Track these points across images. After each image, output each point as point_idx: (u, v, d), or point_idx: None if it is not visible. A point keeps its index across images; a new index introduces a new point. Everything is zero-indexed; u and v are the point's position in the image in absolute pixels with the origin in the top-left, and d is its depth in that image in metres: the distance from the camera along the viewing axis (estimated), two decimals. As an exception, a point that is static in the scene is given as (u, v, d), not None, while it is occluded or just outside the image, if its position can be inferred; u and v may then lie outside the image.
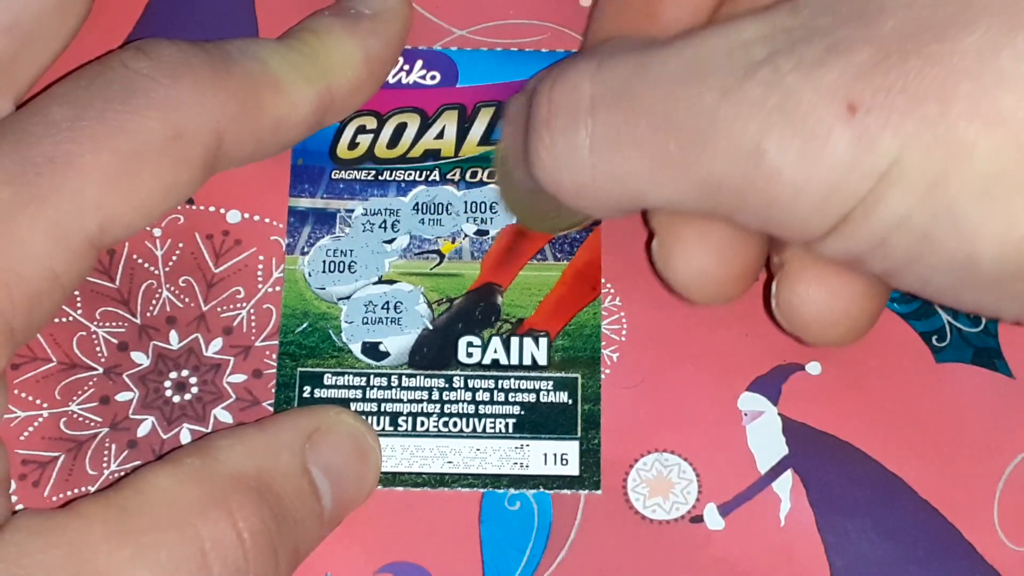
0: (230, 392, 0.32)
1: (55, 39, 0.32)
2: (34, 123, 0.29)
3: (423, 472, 0.31)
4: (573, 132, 0.27)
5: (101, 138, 0.28)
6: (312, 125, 0.32)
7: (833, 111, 0.24)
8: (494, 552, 0.31)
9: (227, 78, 0.30)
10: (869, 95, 0.24)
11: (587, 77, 0.27)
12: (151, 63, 0.29)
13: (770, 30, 0.26)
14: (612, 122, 0.27)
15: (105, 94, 0.29)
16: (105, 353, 0.32)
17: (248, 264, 0.33)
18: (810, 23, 0.25)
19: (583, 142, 0.27)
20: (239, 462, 0.28)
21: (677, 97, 0.26)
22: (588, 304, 0.33)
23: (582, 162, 0.27)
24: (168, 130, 0.29)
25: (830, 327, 0.29)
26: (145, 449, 0.31)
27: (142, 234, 0.33)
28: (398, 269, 0.33)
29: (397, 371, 0.32)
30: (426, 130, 0.34)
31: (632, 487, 0.32)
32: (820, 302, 0.29)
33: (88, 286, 0.32)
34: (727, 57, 0.26)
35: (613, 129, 0.27)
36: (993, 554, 0.31)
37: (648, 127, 0.26)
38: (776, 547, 0.31)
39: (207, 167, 0.30)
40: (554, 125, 0.28)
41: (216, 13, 0.35)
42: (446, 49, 0.35)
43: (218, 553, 0.27)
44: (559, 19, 0.35)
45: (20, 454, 0.31)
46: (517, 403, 0.32)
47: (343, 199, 0.34)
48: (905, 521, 0.31)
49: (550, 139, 0.28)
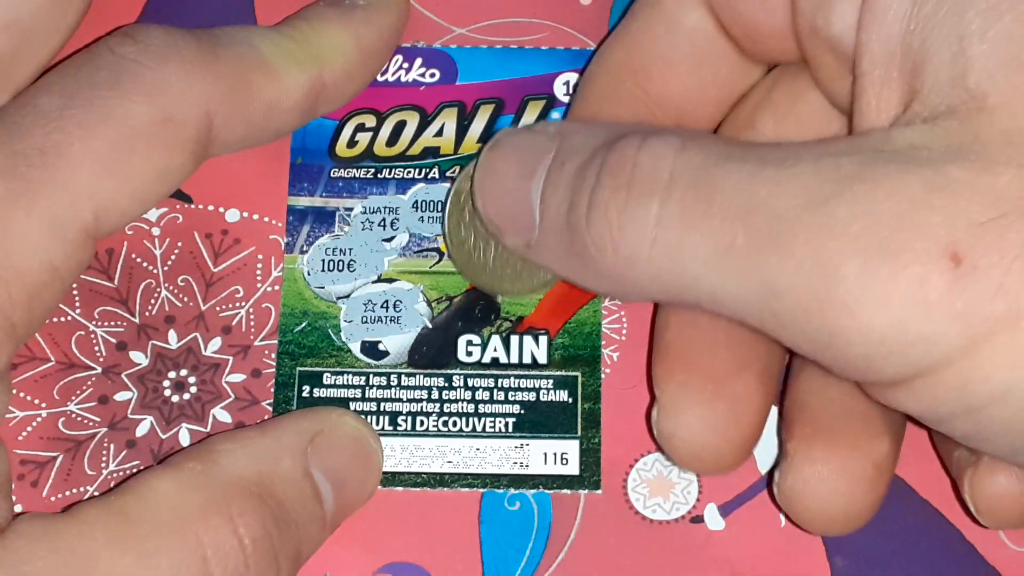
0: (229, 391, 0.32)
1: (54, 36, 0.32)
2: (23, 115, 0.28)
3: (423, 472, 0.31)
4: (648, 199, 0.26)
5: (90, 125, 0.28)
6: (304, 112, 0.32)
7: (933, 255, 0.22)
8: (494, 552, 0.31)
9: (216, 61, 0.30)
10: (980, 251, 0.22)
11: (672, 152, 0.26)
12: (138, 47, 0.29)
13: (875, 143, 0.24)
14: (686, 200, 0.25)
15: (93, 80, 0.29)
16: (104, 353, 0.32)
17: (247, 263, 0.33)
18: (923, 145, 0.24)
19: (653, 211, 0.26)
20: (240, 467, 0.28)
21: (757, 193, 0.24)
22: (588, 303, 0.33)
23: (647, 232, 0.26)
24: (157, 113, 0.29)
25: (833, 519, 0.28)
26: (144, 449, 0.31)
27: (141, 233, 0.33)
28: (397, 267, 0.33)
29: (396, 370, 0.32)
30: (425, 128, 0.34)
31: (632, 487, 0.31)
32: (824, 496, 0.28)
33: (87, 285, 0.32)
34: (816, 165, 0.24)
35: (686, 208, 0.25)
36: (994, 554, 0.31)
37: (721, 215, 0.25)
38: (776, 547, 0.31)
39: (198, 151, 0.30)
40: (633, 191, 0.26)
41: (215, 9, 0.35)
42: (446, 47, 0.35)
43: (219, 559, 0.27)
44: (558, 17, 0.35)
45: (19, 454, 0.31)
46: (517, 402, 0.32)
47: (342, 197, 0.33)
48: (906, 521, 0.31)
49: (626, 198, 0.26)
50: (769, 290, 0.24)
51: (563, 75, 0.34)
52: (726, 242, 0.24)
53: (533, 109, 0.34)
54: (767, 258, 0.24)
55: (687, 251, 0.25)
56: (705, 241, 0.25)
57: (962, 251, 0.22)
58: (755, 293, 0.24)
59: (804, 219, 0.23)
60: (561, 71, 0.34)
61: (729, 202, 0.24)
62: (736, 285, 0.25)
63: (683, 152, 0.26)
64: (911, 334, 0.23)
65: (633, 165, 0.26)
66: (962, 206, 0.22)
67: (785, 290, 0.24)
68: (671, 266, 0.26)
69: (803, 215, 0.23)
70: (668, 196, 0.25)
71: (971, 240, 0.22)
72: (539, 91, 0.34)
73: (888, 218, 0.23)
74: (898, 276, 0.22)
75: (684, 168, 0.25)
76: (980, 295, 0.22)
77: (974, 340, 0.22)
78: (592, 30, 0.35)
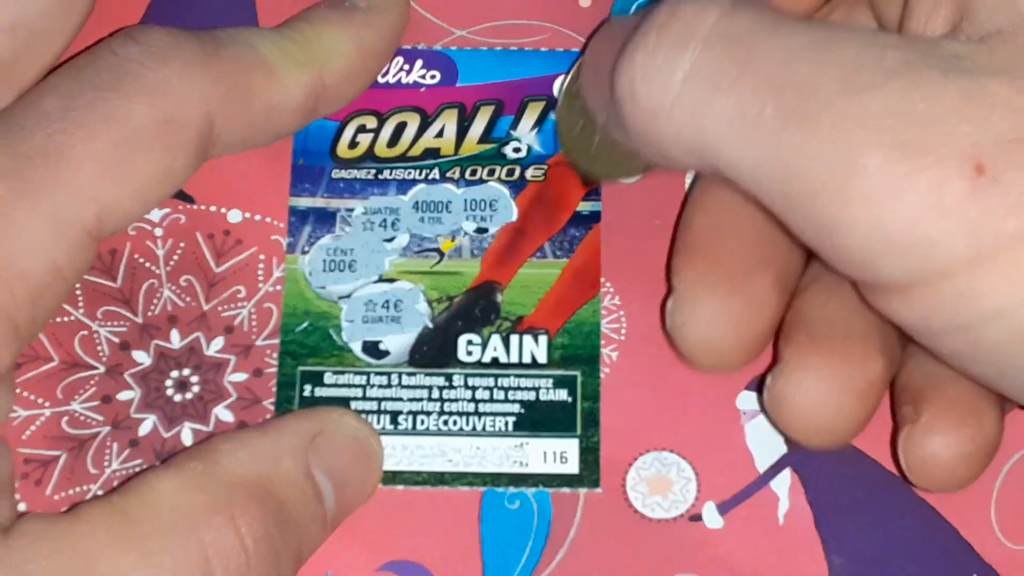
0: (231, 391, 0.32)
1: (58, 38, 0.32)
2: (26, 116, 0.29)
3: (423, 471, 0.32)
4: (679, 51, 0.25)
5: (92, 127, 0.28)
6: (305, 113, 0.32)
7: (957, 161, 0.22)
8: (494, 550, 0.31)
9: (217, 62, 0.30)
10: (1003, 166, 0.22)
11: (716, 10, 0.25)
12: (140, 48, 0.29)
13: (921, 47, 0.24)
14: (720, 60, 0.25)
15: (94, 82, 0.29)
16: (107, 352, 0.32)
17: (249, 263, 0.33)
18: (966, 57, 0.23)
19: (683, 65, 0.25)
20: (242, 467, 0.28)
21: (796, 70, 0.24)
22: (588, 302, 0.33)
23: (671, 85, 0.25)
24: (158, 114, 0.29)
25: (819, 428, 0.28)
26: (146, 448, 0.32)
27: (143, 234, 0.33)
28: (398, 268, 0.33)
29: (397, 370, 0.32)
30: (426, 129, 0.34)
31: (631, 485, 0.32)
32: (812, 402, 0.28)
33: (90, 286, 0.32)
34: (860, 52, 0.24)
35: (718, 68, 0.25)
36: (990, 553, 0.31)
37: (753, 83, 0.24)
38: (775, 546, 0.31)
39: (200, 151, 0.30)
40: (664, 36, 0.26)
41: (217, 11, 0.35)
42: (446, 49, 0.35)
43: (221, 559, 0.27)
44: (558, 19, 0.35)
45: (22, 453, 0.31)
46: (517, 401, 0.32)
47: (343, 198, 0.34)
48: (903, 520, 0.31)
49: (655, 46, 0.26)
50: (787, 168, 0.24)
51: (562, 77, 0.34)
52: (754, 111, 0.24)
53: (533, 110, 0.34)
54: (792, 135, 0.23)
55: (710, 116, 0.25)
56: (731, 105, 0.24)
57: (986, 162, 0.22)
58: (773, 168, 0.24)
59: (837, 103, 0.23)
60: (560, 73, 0.34)
61: (766, 71, 0.24)
62: (755, 157, 0.24)
63: (728, 13, 0.25)
64: (918, 235, 0.22)
65: (671, 15, 0.26)
66: (994, 120, 0.22)
67: (803, 170, 0.23)
68: (691, 127, 0.25)
69: (836, 99, 0.23)
70: (702, 51, 0.25)
71: (997, 153, 0.22)
72: (539, 92, 0.34)
73: (920, 118, 0.22)
74: (918, 175, 0.22)
75: (726, 28, 0.25)
76: (995, 208, 0.22)
77: (979, 253, 0.22)
78: (591, 32, 0.35)
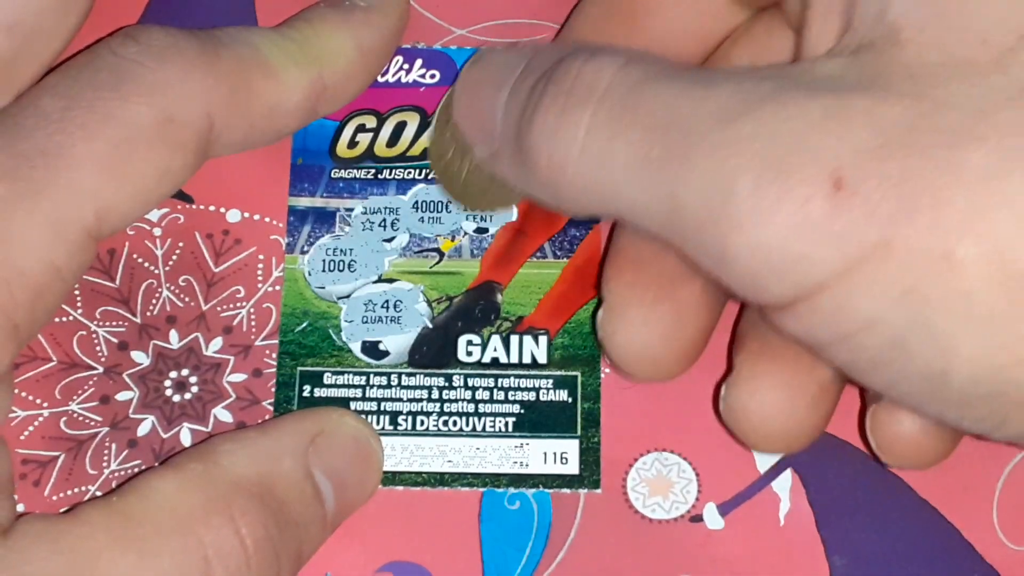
0: (230, 391, 0.32)
1: (56, 37, 0.32)
2: (25, 116, 0.29)
3: (423, 471, 0.31)
4: (580, 109, 0.26)
5: (92, 127, 0.28)
6: (305, 113, 0.32)
7: (819, 178, 0.23)
8: (494, 551, 0.31)
9: (217, 62, 0.30)
10: (860, 178, 0.22)
11: (613, 68, 0.26)
12: (139, 48, 0.29)
13: (795, 73, 0.25)
14: (614, 111, 0.26)
15: (94, 82, 0.29)
16: (105, 352, 0.32)
17: (248, 263, 0.33)
18: (838, 75, 0.24)
19: (584, 121, 0.26)
20: (242, 467, 0.28)
21: (678, 110, 0.25)
22: (588, 302, 0.33)
23: (575, 141, 0.26)
24: (158, 114, 0.29)
25: (775, 436, 0.28)
26: (145, 448, 0.31)
27: (142, 233, 0.33)
28: (398, 268, 0.33)
29: (397, 370, 0.32)
30: (426, 128, 0.34)
31: (632, 486, 0.32)
32: (767, 411, 0.28)
33: (88, 286, 0.32)
34: (735, 86, 0.24)
35: (613, 118, 0.26)
36: (992, 553, 0.31)
37: (642, 127, 0.25)
38: (775, 546, 0.31)
39: (200, 151, 0.30)
40: (570, 100, 0.27)
41: (216, 10, 0.35)
42: (446, 48, 0.35)
43: (221, 560, 0.27)
44: (558, 18, 0.35)
45: (21, 453, 0.31)
46: (517, 402, 0.32)
47: (343, 198, 0.34)
48: (904, 520, 0.31)
49: (563, 107, 0.27)
50: (673, 202, 0.24)
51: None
52: (643, 153, 0.25)
53: (533, 110, 0.34)
54: (676, 170, 0.24)
55: (609, 161, 0.26)
56: (625, 151, 0.25)
57: (845, 176, 0.22)
58: (662, 204, 0.25)
59: (713, 134, 0.24)
60: (561, 72, 0.34)
61: (652, 115, 0.25)
62: (647, 197, 0.25)
63: (623, 68, 0.26)
64: (792, 253, 0.23)
65: (575, 76, 0.27)
66: (854, 133, 0.23)
67: (688, 203, 0.24)
68: (596, 175, 0.26)
69: (712, 130, 0.24)
70: (599, 107, 0.26)
71: (855, 166, 0.22)
72: (539, 92, 0.34)
73: (786, 139, 0.23)
74: (785, 195, 0.23)
75: (620, 82, 0.26)
76: (855, 220, 0.22)
77: (847, 265, 0.23)
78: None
